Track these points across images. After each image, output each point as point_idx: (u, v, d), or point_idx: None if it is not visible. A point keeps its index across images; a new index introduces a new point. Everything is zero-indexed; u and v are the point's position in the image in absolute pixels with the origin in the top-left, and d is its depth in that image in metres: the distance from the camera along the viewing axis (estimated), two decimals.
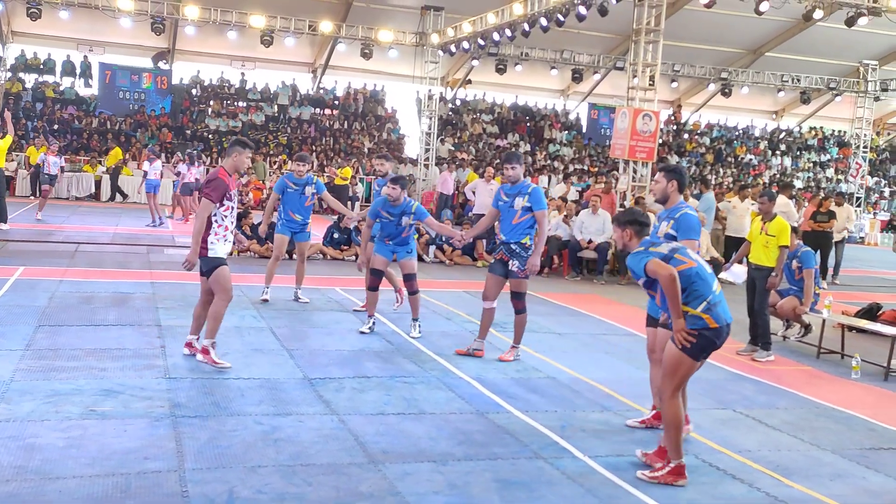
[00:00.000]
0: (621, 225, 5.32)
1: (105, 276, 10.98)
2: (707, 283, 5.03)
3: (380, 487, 4.66)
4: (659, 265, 4.93)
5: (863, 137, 29.93)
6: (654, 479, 5.06)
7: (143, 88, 29.33)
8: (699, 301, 4.97)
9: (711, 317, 4.96)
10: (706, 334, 4.97)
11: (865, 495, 5.10)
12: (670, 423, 5.06)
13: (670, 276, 4.87)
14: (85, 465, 4.65)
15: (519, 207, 7.57)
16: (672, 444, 5.06)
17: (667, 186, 6.02)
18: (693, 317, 4.97)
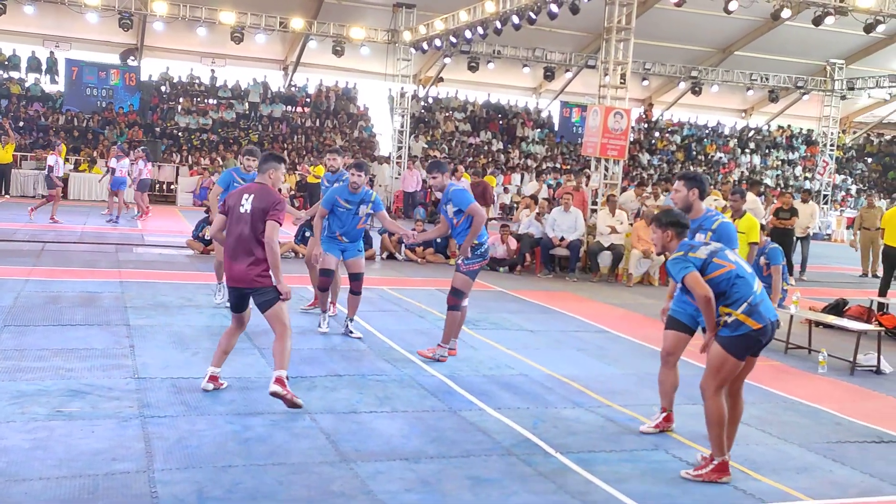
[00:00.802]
0: (662, 226, 5.30)
1: (72, 276, 10.82)
2: (748, 284, 5.05)
3: (352, 486, 4.64)
4: (697, 283, 4.96)
5: (829, 136, 30.32)
6: (699, 477, 5.10)
7: (111, 85, 28.94)
8: (740, 303, 5.00)
9: (753, 318, 4.99)
10: (751, 335, 5.01)
11: (832, 488, 5.17)
12: (713, 420, 5.10)
13: (706, 298, 4.93)
14: (52, 466, 4.58)
15: (451, 213, 7.54)
16: (716, 441, 5.10)
17: (688, 195, 5.93)
18: (736, 321, 5.00)
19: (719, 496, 4.90)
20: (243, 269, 5.85)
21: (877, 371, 8.47)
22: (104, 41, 29.52)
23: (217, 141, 28.46)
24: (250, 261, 5.83)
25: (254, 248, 5.84)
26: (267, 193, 5.91)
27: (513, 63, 30.92)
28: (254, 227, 5.81)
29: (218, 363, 6.19)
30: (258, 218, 5.80)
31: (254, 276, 5.84)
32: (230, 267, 5.92)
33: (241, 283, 5.91)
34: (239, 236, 5.87)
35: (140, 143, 26.47)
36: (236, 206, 5.94)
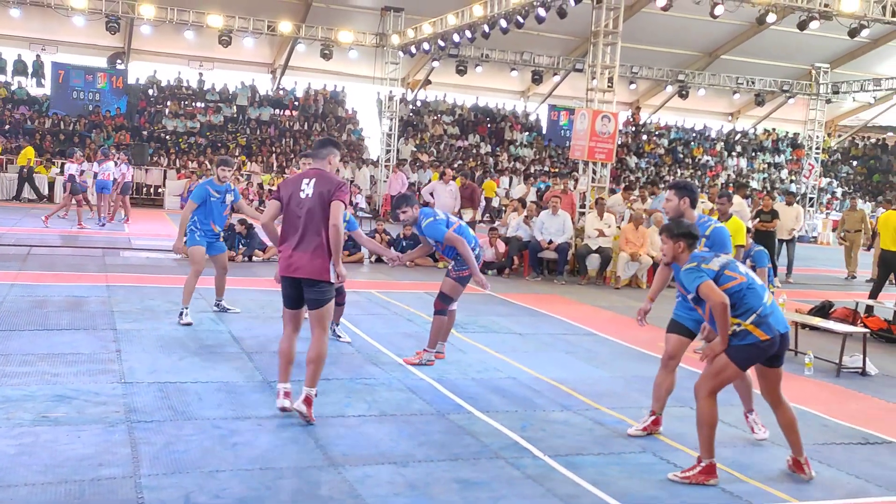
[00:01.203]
0: (673, 237, 5.29)
1: (59, 280, 10.76)
2: (758, 295, 5.08)
3: (340, 490, 4.63)
4: (712, 291, 4.97)
5: (815, 139, 30.52)
6: (686, 479, 5.12)
7: (98, 88, 28.82)
8: (749, 314, 5.03)
9: (762, 329, 5.02)
10: (758, 346, 5.04)
11: (818, 490, 5.20)
12: (704, 421, 5.12)
13: (723, 305, 4.94)
14: (37, 472, 4.55)
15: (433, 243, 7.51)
16: (705, 443, 5.13)
17: (679, 204, 5.94)
18: (743, 330, 5.03)
19: (706, 499, 4.91)
20: (307, 259, 5.56)
21: (862, 373, 8.52)
22: (91, 44, 29.41)
23: (205, 144, 28.38)
24: (314, 249, 5.56)
25: (318, 234, 5.56)
26: (328, 176, 5.68)
27: (501, 67, 31.00)
28: (319, 212, 5.56)
29: (285, 377, 5.78)
30: (323, 201, 5.55)
31: (317, 267, 5.56)
32: (290, 255, 5.61)
33: (301, 273, 5.59)
34: (302, 222, 5.59)
35: (127, 146, 26.41)
36: (295, 191, 5.66)
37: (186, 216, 8.77)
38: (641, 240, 14.14)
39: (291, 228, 5.66)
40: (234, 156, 28.03)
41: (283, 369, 5.81)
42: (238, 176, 26.25)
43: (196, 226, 8.81)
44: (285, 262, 5.66)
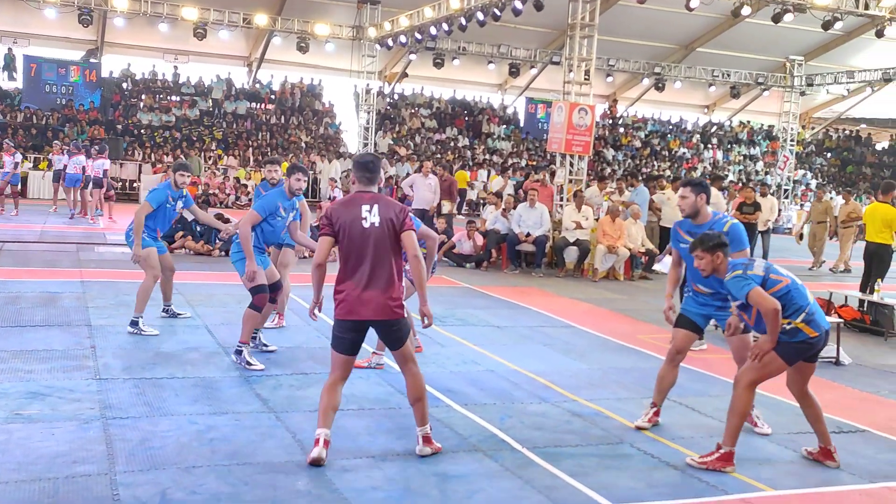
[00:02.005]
0: (710, 250, 5.27)
1: (32, 276, 10.64)
2: (803, 294, 5.18)
3: (318, 484, 4.62)
4: (763, 297, 5.01)
5: (790, 131, 30.80)
6: (703, 464, 5.22)
7: (71, 82, 28.46)
8: (799, 313, 5.12)
9: (811, 327, 5.13)
10: (808, 342, 5.15)
11: (793, 478, 5.25)
12: (738, 411, 5.22)
13: (775, 311, 4.99)
14: (10, 470, 4.50)
15: None
16: (731, 431, 5.23)
17: (696, 201, 5.92)
18: (794, 329, 5.11)
19: (683, 488, 4.95)
20: (380, 298, 4.90)
21: (836, 362, 8.62)
22: (64, 37, 29.02)
23: (180, 138, 28.14)
24: (386, 286, 4.91)
25: (389, 268, 4.93)
26: (388, 201, 5.05)
27: (478, 59, 30.98)
28: (388, 243, 4.91)
29: (327, 423, 4.96)
30: (391, 230, 4.91)
31: (392, 305, 4.93)
32: (359, 297, 4.90)
33: (376, 316, 4.92)
34: (370, 256, 4.90)
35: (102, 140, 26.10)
36: (355, 220, 4.91)
37: (141, 220, 8.04)
38: (619, 232, 14.20)
39: (356, 263, 4.95)
40: (211, 149, 27.83)
41: (322, 416, 4.98)
42: (215, 170, 26.08)
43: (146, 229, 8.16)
44: (353, 303, 4.94)
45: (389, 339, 5.08)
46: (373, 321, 4.96)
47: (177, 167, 8.46)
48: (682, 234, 6.04)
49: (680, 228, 6.11)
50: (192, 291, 10.07)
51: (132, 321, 7.92)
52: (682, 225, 6.09)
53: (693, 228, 5.95)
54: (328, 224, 4.98)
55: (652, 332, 9.50)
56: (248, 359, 6.82)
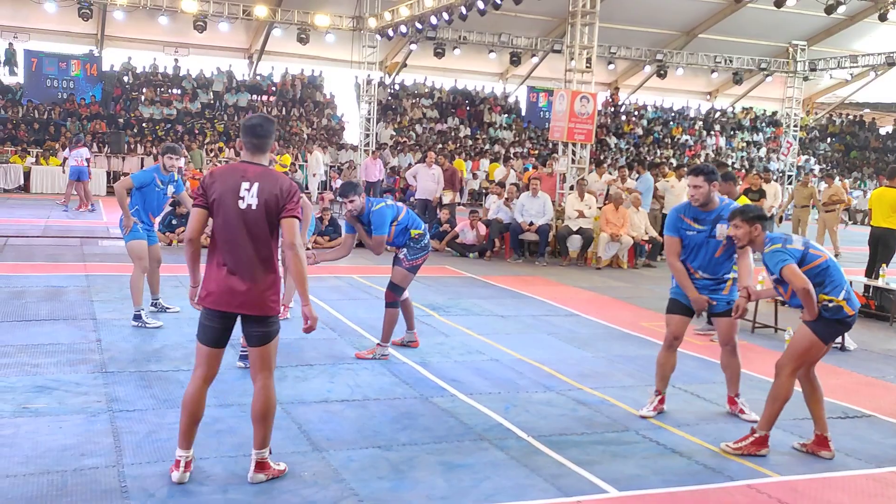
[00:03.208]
0: (749, 221, 5.26)
1: (36, 270, 10.66)
2: (840, 272, 5.17)
3: (324, 475, 4.63)
4: (795, 275, 4.99)
5: (793, 116, 30.67)
6: (738, 450, 5.26)
7: (72, 76, 28.43)
8: (839, 290, 5.11)
9: (850, 305, 5.13)
10: (845, 321, 5.16)
11: (799, 464, 5.26)
12: (779, 397, 5.23)
13: (805, 290, 4.99)
14: (18, 463, 4.52)
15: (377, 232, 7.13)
16: (769, 417, 5.25)
17: (709, 189, 5.85)
18: (837, 306, 5.10)
19: (689, 475, 4.96)
20: (251, 289, 4.30)
21: (841, 348, 8.62)
22: (64, 31, 28.95)
23: (182, 131, 28.12)
24: (259, 276, 4.32)
25: (265, 257, 4.35)
26: (275, 178, 4.34)
27: (479, 49, 30.85)
28: (266, 228, 4.31)
29: (187, 442, 4.44)
30: (270, 214, 4.30)
31: (266, 299, 4.35)
32: (226, 283, 4.31)
33: (242, 309, 4.33)
34: (242, 241, 4.30)
35: (103, 135, 26.12)
36: (231, 197, 4.29)
37: (123, 195, 7.92)
38: (622, 220, 14.18)
39: (226, 246, 4.34)
40: (213, 142, 27.79)
41: (185, 430, 4.41)
42: (216, 162, 26.04)
43: (137, 216, 8.07)
44: (218, 290, 4.33)
45: (253, 334, 4.40)
46: (235, 314, 4.37)
47: (165, 150, 8.30)
48: (687, 220, 5.98)
49: (684, 216, 6.00)
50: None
51: (135, 315, 7.93)
52: (687, 212, 6.00)
53: (701, 215, 5.91)
54: (201, 195, 4.37)
55: (656, 320, 9.49)
56: None
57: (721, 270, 5.94)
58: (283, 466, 4.62)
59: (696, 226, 5.90)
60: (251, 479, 4.46)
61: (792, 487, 4.89)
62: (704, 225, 5.89)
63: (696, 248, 5.92)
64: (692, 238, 5.93)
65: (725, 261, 5.91)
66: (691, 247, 5.96)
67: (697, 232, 5.90)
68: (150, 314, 8.14)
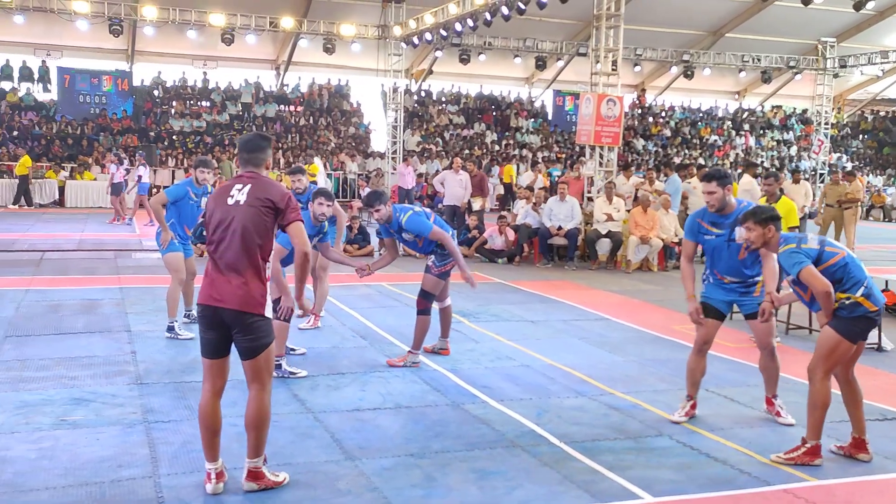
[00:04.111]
0: (762, 222, 5.21)
1: (72, 284, 10.84)
2: (860, 268, 5.09)
3: (357, 484, 4.65)
4: (814, 277, 4.93)
5: (823, 114, 30.30)
6: (791, 460, 5.16)
7: (104, 91, 28.92)
8: (858, 287, 5.02)
9: (871, 301, 5.05)
10: (868, 317, 5.07)
11: (836, 468, 5.18)
12: (818, 403, 5.14)
13: (825, 292, 4.92)
14: (57, 475, 4.60)
15: (410, 240, 7.18)
16: (815, 424, 5.15)
17: (724, 194, 5.81)
18: (854, 303, 5.02)
19: (723, 480, 4.91)
20: (233, 283, 4.32)
21: (878, 349, 8.48)
22: (95, 48, 29.49)
23: (212, 143, 28.45)
24: (244, 274, 4.34)
25: (251, 255, 4.35)
26: (268, 184, 4.45)
27: (504, 54, 30.89)
28: (252, 225, 4.33)
29: (213, 454, 4.47)
30: (259, 212, 4.34)
31: (247, 296, 4.32)
32: (212, 280, 4.37)
33: (225, 303, 4.31)
34: (229, 237, 4.34)
35: (135, 148, 26.49)
36: (222, 199, 4.43)
37: (159, 210, 8.09)
38: (651, 223, 14.10)
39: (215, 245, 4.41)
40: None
41: (207, 443, 4.46)
42: None
43: (171, 230, 8.17)
44: (207, 289, 4.39)
45: (241, 346, 4.39)
46: (225, 311, 4.31)
47: (197, 164, 8.42)
48: (705, 225, 5.94)
49: (702, 220, 5.97)
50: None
51: (168, 326, 8.04)
52: (705, 217, 5.96)
53: (718, 219, 5.86)
54: (204, 213, 4.59)
55: (687, 323, 9.35)
56: (289, 369, 6.84)
57: (748, 273, 5.85)
58: (281, 478, 4.59)
59: (715, 230, 5.86)
60: (244, 488, 4.47)
61: (829, 491, 4.82)
62: (723, 229, 5.84)
63: (718, 252, 5.88)
64: (711, 242, 5.89)
65: (752, 263, 5.82)
66: (713, 251, 5.91)
67: (716, 236, 5.86)
68: (183, 326, 8.24)
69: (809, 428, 5.19)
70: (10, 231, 16.79)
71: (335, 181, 26.34)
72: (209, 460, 4.46)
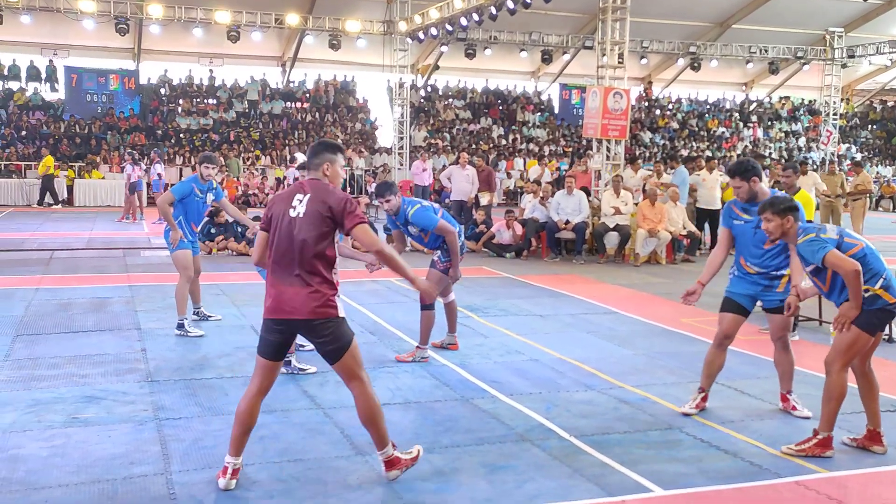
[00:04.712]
0: (780, 213, 5.16)
1: (82, 282, 10.88)
2: (879, 259, 5.06)
3: (368, 479, 4.66)
4: (841, 259, 4.88)
5: (832, 105, 30.17)
6: (802, 451, 5.15)
7: (111, 90, 29.02)
8: (877, 279, 4.99)
9: (890, 293, 5.01)
10: (887, 309, 5.04)
11: (847, 460, 5.17)
12: (833, 396, 5.12)
13: (855, 272, 4.86)
14: (70, 473, 4.62)
15: (416, 234, 7.21)
16: (828, 416, 5.14)
17: (751, 187, 5.77)
18: (873, 296, 4.99)
19: (734, 473, 4.90)
20: (299, 294, 4.34)
21: (889, 340, 8.44)
22: (102, 47, 29.58)
23: (219, 140, 28.50)
24: (310, 282, 4.35)
25: (315, 264, 4.37)
26: (326, 190, 4.47)
27: (510, 48, 30.87)
28: (313, 235, 4.36)
29: (237, 449, 4.49)
30: (320, 223, 4.37)
31: (317, 305, 4.34)
32: (278, 292, 4.40)
33: (294, 314, 4.35)
34: (293, 249, 4.37)
35: (142, 147, 26.59)
36: (283, 209, 4.45)
37: (167, 209, 8.03)
38: (659, 216, 14.07)
39: (278, 257, 4.45)
40: (250, 150, 28.12)
41: (236, 438, 4.48)
42: (253, 170, 26.36)
43: (179, 228, 8.14)
44: (272, 300, 4.44)
45: (322, 346, 4.46)
46: (296, 321, 4.39)
47: (202, 160, 8.37)
48: (736, 211, 5.95)
49: (734, 206, 5.99)
50: (236, 291, 10.22)
51: (178, 324, 8.06)
52: (737, 203, 5.98)
53: (750, 206, 5.84)
54: (265, 218, 4.57)
55: (696, 316, 9.40)
56: (298, 365, 6.85)
57: (773, 264, 5.80)
58: (415, 451, 4.77)
59: (744, 216, 5.85)
60: (389, 478, 4.61)
61: (840, 483, 4.81)
62: (752, 215, 5.80)
63: (744, 238, 5.87)
64: (739, 228, 5.89)
65: (778, 255, 5.78)
66: (740, 238, 5.91)
67: (745, 222, 5.85)
68: (192, 323, 8.26)
69: (823, 419, 5.17)
70: (19, 230, 16.87)
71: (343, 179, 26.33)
72: (232, 454, 4.48)
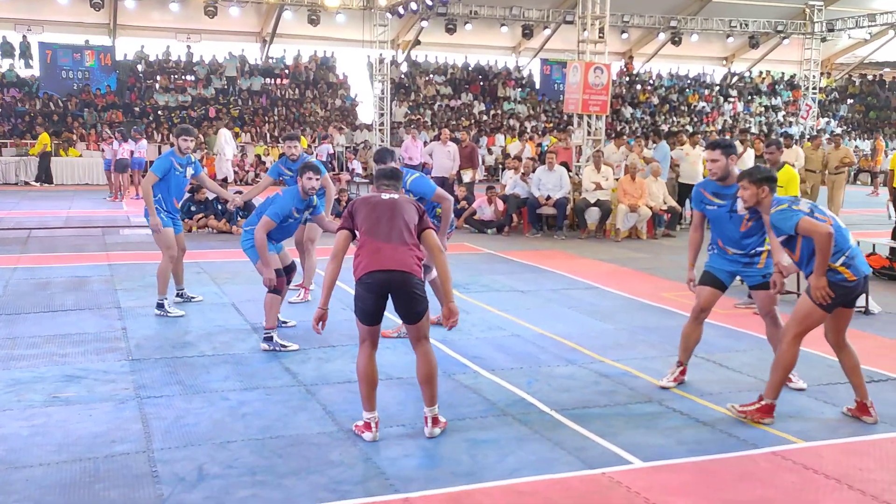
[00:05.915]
0: (756, 182, 5.26)
1: (60, 261, 10.79)
2: (844, 237, 5.13)
3: (350, 454, 4.69)
4: (813, 224, 4.95)
5: (811, 79, 30.28)
6: (743, 413, 5.31)
7: (87, 67, 28.56)
8: (838, 255, 5.06)
9: (850, 271, 5.08)
10: (845, 285, 5.10)
11: (824, 430, 5.26)
12: (782, 364, 5.26)
13: (828, 234, 4.93)
14: (51, 452, 4.61)
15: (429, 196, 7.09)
16: (775, 384, 5.28)
17: (727, 163, 5.81)
18: (832, 271, 5.06)
19: (713, 444, 4.97)
20: (396, 251, 4.82)
21: (865, 312, 8.55)
22: (76, 22, 29.05)
23: (197, 117, 28.21)
24: (405, 243, 4.87)
25: (409, 233, 4.91)
26: (407, 197, 5.17)
27: (490, 23, 30.66)
28: (404, 214, 4.93)
29: (371, 404, 4.94)
30: (411, 206, 5.01)
31: (411, 261, 4.83)
32: (378, 250, 4.82)
33: (393, 265, 4.78)
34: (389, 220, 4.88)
35: (120, 124, 26.25)
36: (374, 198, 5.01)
37: (149, 190, 7.92)
38: (639, 191, 14.11)
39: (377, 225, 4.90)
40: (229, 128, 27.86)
41: (366, 395, 4.96)
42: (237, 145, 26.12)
43: (160, 205, 8.01)
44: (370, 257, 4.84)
45: (406, 306, 4.89)
46: (391, 273, 4.77)
47: (179, 132, 8.20)
48: (707, 195, 5.94)
49: (705, 190, 5.97)
50: (216, 269, 10.18)
51: (158, 304, 7.99)
52: (707, 186, 5.97)
53: (719, 189, 5.86)
54: (349, 218, 4.99)
55: (676, 290, 9.48)
56: (280, 342, 6.84)
57: (750, 246, 5.82)
58: (443, 420, 5.11)
59: (716, 200, 5.86)
60: (429, 434, 4.94)
61: (816, 453, 4.89)
62: (724, 199, 5.82)
63: (720, 222, 5.88)
64: (713, 213, 5.89)
65: (755, 234, 5.80)
66: (715, 222, 5.92)
67: (718, 206, 5.86)
68: (173, 304, 8.21)
69: (768, 386, 5.31)
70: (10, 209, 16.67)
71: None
72: (368, 410, 4.92)
